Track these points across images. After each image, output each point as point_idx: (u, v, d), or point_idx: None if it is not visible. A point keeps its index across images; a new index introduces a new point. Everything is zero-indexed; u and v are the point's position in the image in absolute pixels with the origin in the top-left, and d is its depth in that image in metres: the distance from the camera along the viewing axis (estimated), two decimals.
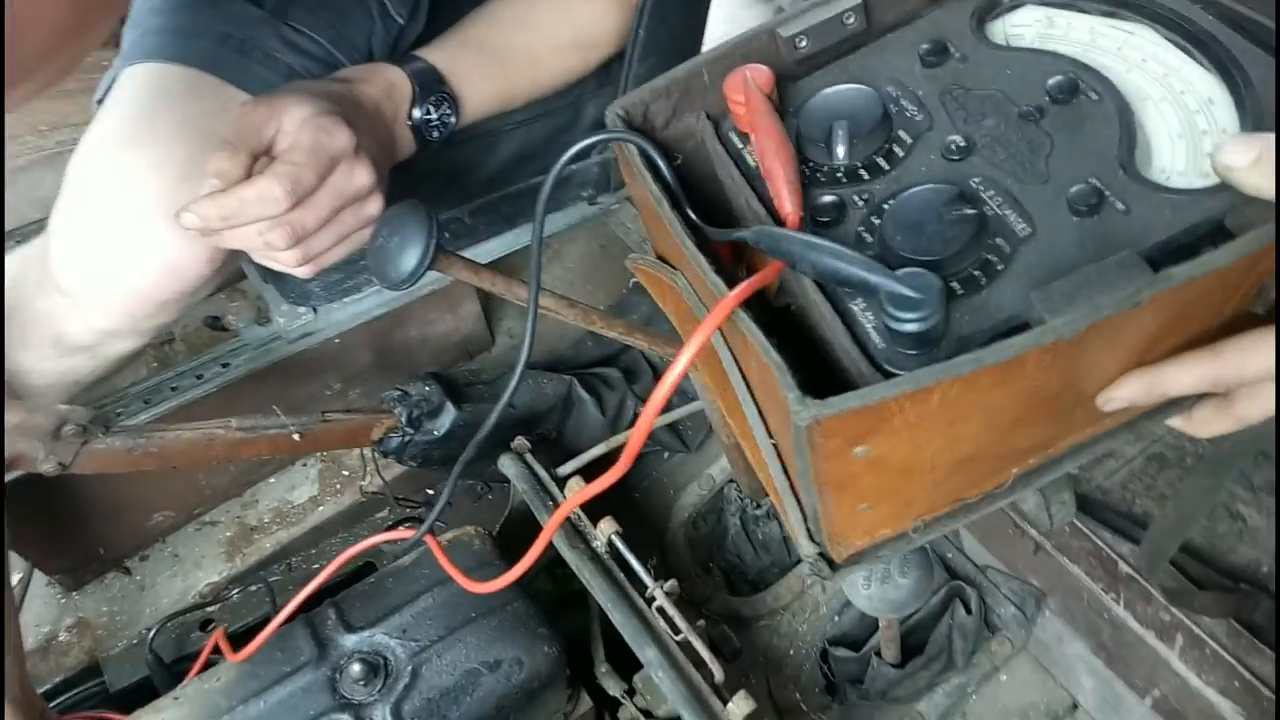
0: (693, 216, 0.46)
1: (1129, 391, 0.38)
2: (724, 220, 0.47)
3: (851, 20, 0.51)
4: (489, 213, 1.01)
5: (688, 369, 0.40)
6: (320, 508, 1.16)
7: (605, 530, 0.89)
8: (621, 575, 0.90)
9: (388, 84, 0.79)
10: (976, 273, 0.40)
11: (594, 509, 0.87)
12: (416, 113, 0.81)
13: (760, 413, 0.45)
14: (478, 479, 1.18)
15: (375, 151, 0.73)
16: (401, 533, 0.88)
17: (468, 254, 1.07)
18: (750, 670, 1.03)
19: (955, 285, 0.40)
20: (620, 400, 1.14)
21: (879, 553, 0.47)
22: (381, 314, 1.10)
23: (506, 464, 1.03)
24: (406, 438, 1.00)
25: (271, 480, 1.18)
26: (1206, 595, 0.83)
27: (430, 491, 1.22)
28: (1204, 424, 0.42)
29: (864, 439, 0.36)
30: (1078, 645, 0.92)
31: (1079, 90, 0.44)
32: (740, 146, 0.49)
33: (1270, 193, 0.34)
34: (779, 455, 0.44)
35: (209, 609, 1.01)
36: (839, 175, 0.46)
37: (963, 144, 0.44)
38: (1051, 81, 0.44)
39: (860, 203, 0.45)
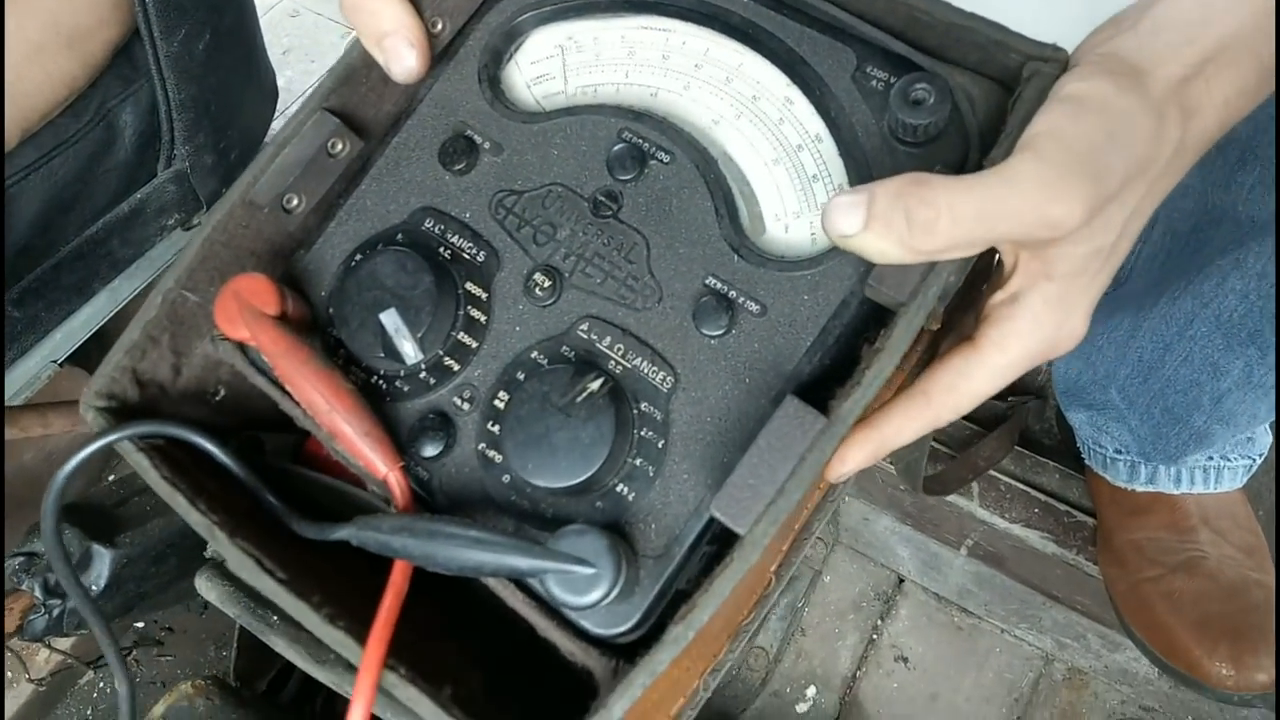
0: (272, 502, 0.34)
1: (855, 463, 0.34)
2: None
3: (341, 148, 0.38)
4: (46, 292, 0.75)
5: None
6: None
7: None
8: None
9: None
10: (639, 463, 0.33)
11: None
12: None
13: None
14: (190, 598, 0.95)
15: None
16: None
17: (36, 355, 0.82)
18: None
19: (623, 489, 0.33)
20: None
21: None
22: None
23: (204, 586, 0.82)
24: (56, 610, 0.75)
25: None
26: (984, 445, 0.79)
27: (140, 625, 0.98)
28: None
29: None
30: (884, 520, 0.88)
31: (645, 155, 0.36)
32: None
33: (898, 254, 0.29)
34: None
35: None
36: (423, 376, 0.36)
37: (547, 282, 0.35)
38: (612, 153, 0.36)
39: (465, 405, 0.35)
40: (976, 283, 0.35)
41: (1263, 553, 0.71)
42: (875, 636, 0.89)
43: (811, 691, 0.87)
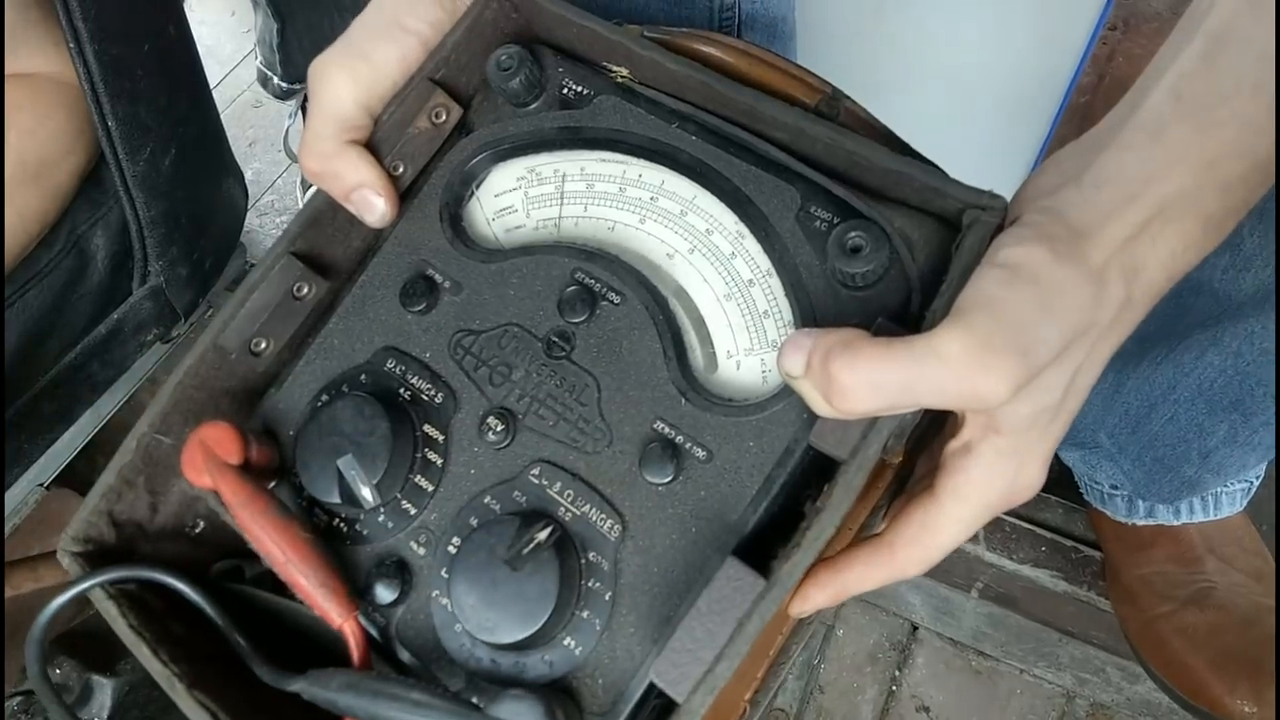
0: (239, 643, 0.34)
1: (815, 603, 0.34)
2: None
3: (307, 290, 0.39)
4: (27, 424, 0.74)
5: None
6: None
7: None
8: None
9: None
10: (586, 615, 0.33)
11: None
12: None
13: None
14: None
15: None
16: None
17: (22, 481, 0.81)
18: None
19: (570, 643, 0.33)
20: None
21: None
22: None
23: None
24: None
25: None
26: None
27: None
28: None
29: None
30: None
31: (596, 296, 0.36)
32: None
33: (823, 409, 0.29)
34: None
35: None
36: (381, 519, 0.36)
37: (500, 426, 0.35)
38: (564, 294, 0.36)
39: (421, 550, 0.35)
40: (943, 415, 0.34)
41: (1271, 577, 0.71)
42: (894, 688, 0.88)
43: None
